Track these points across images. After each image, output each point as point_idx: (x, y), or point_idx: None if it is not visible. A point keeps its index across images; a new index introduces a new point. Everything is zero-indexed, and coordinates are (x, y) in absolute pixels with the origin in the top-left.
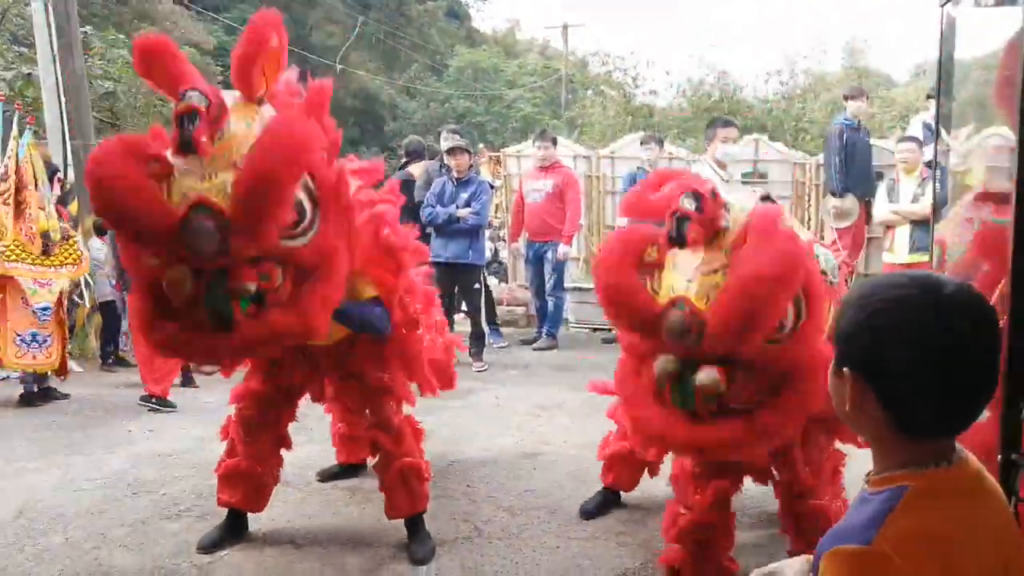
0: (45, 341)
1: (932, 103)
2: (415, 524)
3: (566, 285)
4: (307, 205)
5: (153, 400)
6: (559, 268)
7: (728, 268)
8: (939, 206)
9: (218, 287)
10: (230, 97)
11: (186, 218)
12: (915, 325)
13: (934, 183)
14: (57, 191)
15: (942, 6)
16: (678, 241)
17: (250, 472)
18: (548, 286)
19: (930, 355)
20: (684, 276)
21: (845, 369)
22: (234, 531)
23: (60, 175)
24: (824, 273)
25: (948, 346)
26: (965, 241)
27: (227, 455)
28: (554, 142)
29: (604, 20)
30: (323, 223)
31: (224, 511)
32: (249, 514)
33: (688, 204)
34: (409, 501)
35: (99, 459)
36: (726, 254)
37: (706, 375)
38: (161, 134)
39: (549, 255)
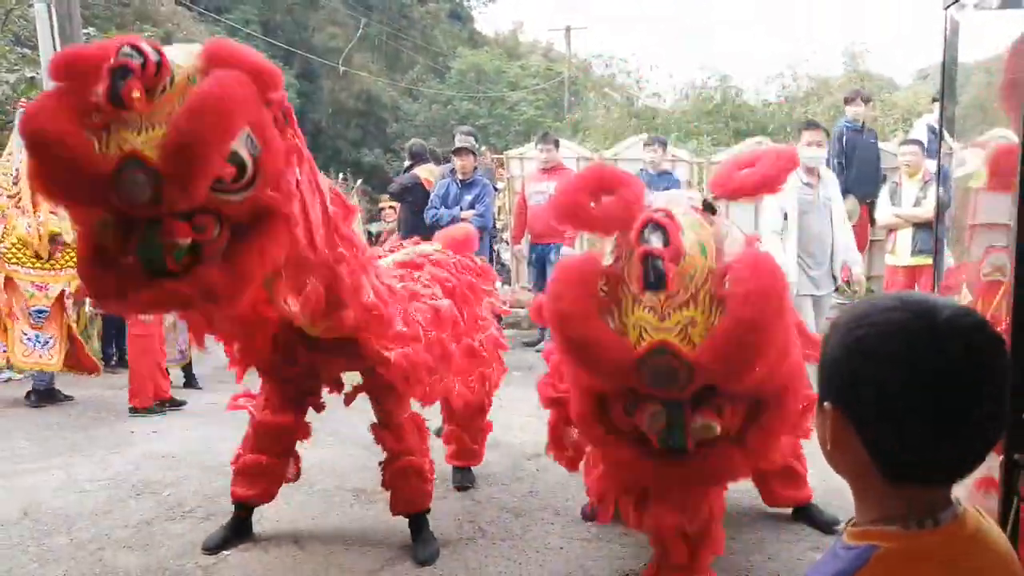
0: (47, 342)
1: (936, 106)
2: (419, 524)
3: None
4: (247, 160)
5: (140, 411)
6: None
7: (702, 301)
8: (942, 209)
9: (151, 238)
10: (182, 53)
11: (118, 169)
12: (904, 352)
13: (937, 186)
14: None
15: (946, 9)
16: (657, 286)
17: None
18: None
19: (920, 386)
20: (653, 314)
21: (826, 403)
22: (239, 531)
23: None
24: None
25: (942, 375)
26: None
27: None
28: (556, 144)
29: (607, 22)
30: (262, 179)
31: (229, 511)
32: (253, 515)
33: (656, 242)
34: (409, 499)
35: (103, 460)
36: (691, 281)
37: (702, 424)
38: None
39: (552, 257)
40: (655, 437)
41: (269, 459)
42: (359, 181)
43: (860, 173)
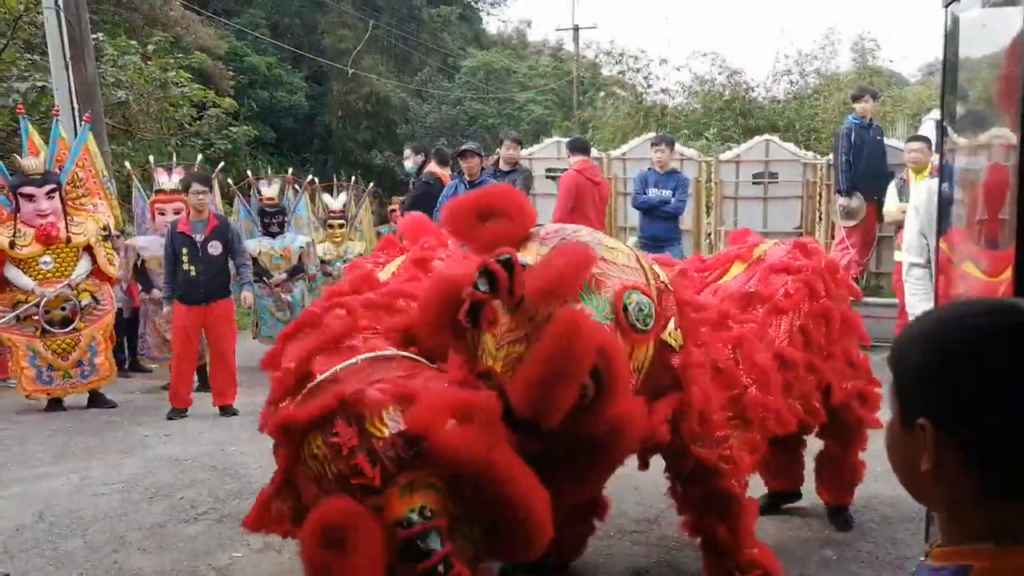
0: None
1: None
2: None
3: None
4: None
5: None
6: None
7: (530, 340)
8: (945, 204)
9: None
10: None
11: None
12: (1007, 356)
13: (940, 182)
14: None
15: (946, 7)
16: (473, 324)
17: None
18: None
19: None
20: (493, 340)
21: (921, 420)
22: None
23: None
24: (665, 284)
25: None
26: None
27: None
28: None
29: (615, 20)
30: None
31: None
32: None
33: (481, 286)
34: None
35: (116, 463)
36: (530, 321)
37: None
38: None
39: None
40: None
41: None
42: (371, 184)
43: (867, 170)
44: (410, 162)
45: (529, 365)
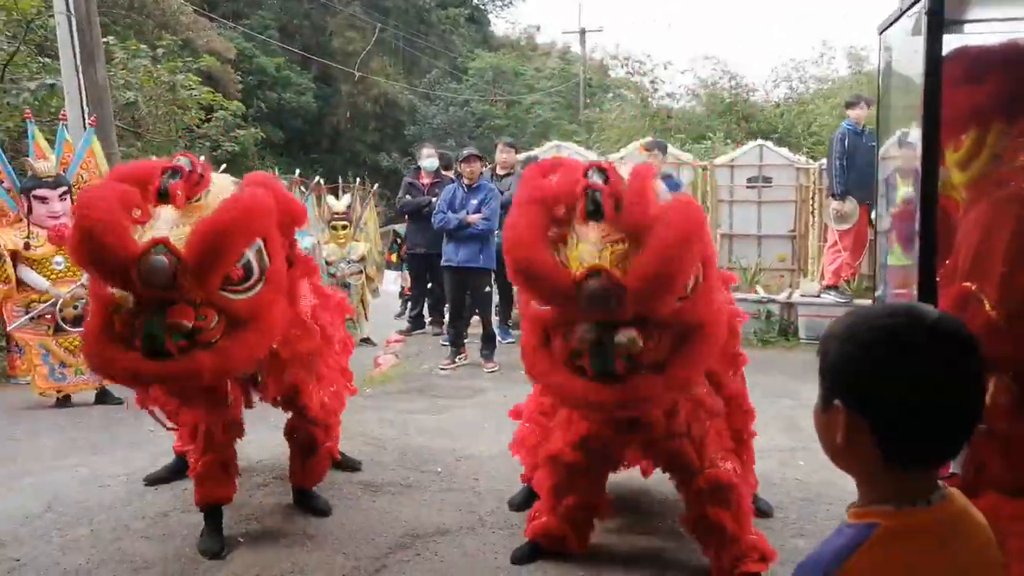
0: None
1: None
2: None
3: None
4: (255, 267)
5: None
6: None
7: (633, 238)
8: (878, 218)
9: (159, 319)
10: (222, 178)
11: (145, 251)
12: (908, 352)
13: (874, 194)
14: None
15: (880, 33)
16: (596, 214)
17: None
18: None
19: (924, 381)
20: (593, 247)
21: (837, 402)
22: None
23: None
24: None
25: (941, 371)
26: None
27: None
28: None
29: (621, 24)
30: (265, 285)
31: (240, 504)
32: (265, 506)
33: (597, 178)
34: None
35: (123, 457)
36: (623, 225)
37: (625, 335)
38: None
39: None
40: (587, 361)
41: None
42: (375, 185)
43: (860, 175)
44: (434, 160)
45: (650, 253)
